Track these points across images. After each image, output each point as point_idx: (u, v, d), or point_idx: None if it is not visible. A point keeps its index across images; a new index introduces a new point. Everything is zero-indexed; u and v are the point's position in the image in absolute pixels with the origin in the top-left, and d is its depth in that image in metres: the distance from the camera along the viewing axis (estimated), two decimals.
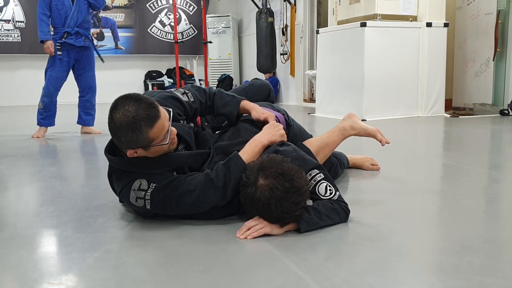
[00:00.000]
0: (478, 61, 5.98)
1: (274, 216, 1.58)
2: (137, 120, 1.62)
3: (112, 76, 9.47)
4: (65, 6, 4.40)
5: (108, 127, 1.69)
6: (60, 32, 4.41)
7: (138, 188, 1.71)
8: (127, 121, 1.63)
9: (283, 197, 1.56)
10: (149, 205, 1.71)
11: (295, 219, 1.61)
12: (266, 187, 1.57)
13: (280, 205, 1.56)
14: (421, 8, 5.62)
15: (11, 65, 9.01)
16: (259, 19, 7.92)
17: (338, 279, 1.27)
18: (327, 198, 1.73)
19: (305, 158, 1.82)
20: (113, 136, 1.71)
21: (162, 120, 1.67)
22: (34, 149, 3.64)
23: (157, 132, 1.67)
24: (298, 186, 1.60)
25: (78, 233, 1.71)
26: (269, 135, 1.85)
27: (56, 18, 4.44)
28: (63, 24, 4.41)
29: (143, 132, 1.63)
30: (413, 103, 5.62)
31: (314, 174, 1.76)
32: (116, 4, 9.54)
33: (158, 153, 1.75)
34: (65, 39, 4.40)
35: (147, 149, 1.70)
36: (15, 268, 1.41)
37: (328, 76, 5.99)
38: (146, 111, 1.64)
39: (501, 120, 5.10)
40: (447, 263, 1.37)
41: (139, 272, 1.36)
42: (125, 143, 1.67)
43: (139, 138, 1.65)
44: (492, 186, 2.38)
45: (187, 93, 2.01)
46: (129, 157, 1.73)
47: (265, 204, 1.57)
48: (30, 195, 2.36)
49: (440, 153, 3.38)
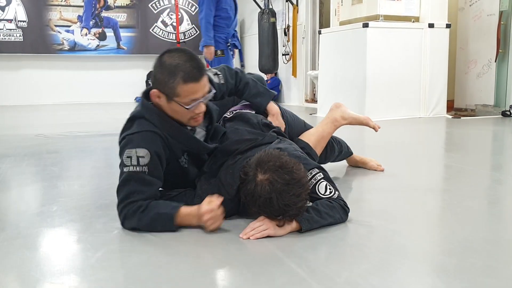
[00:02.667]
0: (480, 62, 5.97)
1: (276, 210, 1.57)
2: (179, 68, 1.67)
3: (114, 76, 9.48)
4: (232, 9, 4.31)
5: (155, 62, 1.76)
6: (227, 33, 4.32)
7: (138, 155, 1.68)
8: (170, 63, 1.68)
9: (284, 190, 1.55)
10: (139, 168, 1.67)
11: (298, 211, 1.60)
12: (266, 181, 1.56)
13: (282, 198, 1.55)
14: (423, 9, 5.62)
15: (13, 65, 9.01)
16: (261, 20, 7.92)
17: (340, 280, 1.27)
18: (327, 197, 1.73)
19: (306, 158, 1.82)
20: (153, 69, 1.75)
21: (198, 86, 1.70)
22: (37, 149, 3.64)
23: (186, 92, 1.69)
24: (298, 178, 1.59)
25: (80, 233, 1.71)
26: (206, 217, 1.64)
27: (225, 19, 4.30)
28: (229, 26, 4.32)
29: (175, 81, 1.67)
30: (415, 104, 5.61)
31: (315, 173, 1.76)
32: (118, 4, 9.54)
33: (176, 115, 1.75)
34: (233, 40, 4.34)
35: (169, 100, 1.71)
36: (17, 268, 1.41)
37: (330, 77, 5.98)
38: (191, 68, 1.68)
39: (503, 121, 5.09)
40: (450, 264, 1.37)
41: (141, 272, 1.36)
42: (157, 80, 1.71)
43: (168, 84, 1.68)
44: (494, 187, 2.37)
45: (219, 74, 2.02)
46: (152, 98, 1.75)
47: (267, 198, 1.56)
48: (32, 194, 2.36)
49: (442, 154, 3.38)
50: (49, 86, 9.10)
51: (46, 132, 4.66)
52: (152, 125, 1.75)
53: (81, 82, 9.36)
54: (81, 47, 9.33)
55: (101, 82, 9.45)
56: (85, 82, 9.38)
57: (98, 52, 9.47)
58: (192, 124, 1.82)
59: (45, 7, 9.03)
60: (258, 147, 1.89)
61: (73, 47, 9.28)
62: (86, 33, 9.33)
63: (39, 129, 4.93)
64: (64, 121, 5.24)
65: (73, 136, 4.50)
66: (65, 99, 9.14)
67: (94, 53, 9.46)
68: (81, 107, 8.21)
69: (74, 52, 9.32)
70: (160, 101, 1.74)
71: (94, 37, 9.40)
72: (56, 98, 9.09)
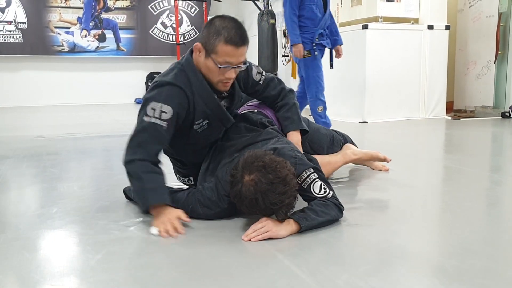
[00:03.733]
0: (480, 63, 5.98)
1: (264, 209, 1.60)
2: (225, 30, 1.81)
3: (113, 77, 9.47)
4: (318, 7, 4.19)
5: (206, 23, 1.90)
6: (314, 33, 4.19)
7: (162, 109, 1.81)
8: (220, 24, 1.83)
9: (268, 189, 1.58)
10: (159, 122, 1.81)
11: (286, 208, 1.62)
12: (250, 182, 1.59)
13: (267, 197, 1.57)
14: (422, 10, 5.63)
15: (12, 66, 9.01)
16: (261, 21, 7.92)
17: (340, 281, 1.27)
18: (321, 197, 1.74)
19: (301, 157, 1.83)
20: (203, 28, 1.89)
21: (235, 51, 1.82)
22: (36, 150, 3.64)
23: (223, 53, 1.81)
24: (282, 176, 1.60)
25: (80, 235, 1.72)
26: (162, 225, 1.71)
27: (310, 19, 4.19)
28: (316, 25, 4.19)
29: (218, 39, 1.80)
30: (414, 105, 5.62)
31: (310, 173, 1.77)
32: (118, 6, 9.55)
33: (209, 73, 1.87)
34: (319, 40, 4.19)
35: (207, 56, 1.84)
36: (17, 270, 1.41)
37: (330, 78, 5.96)
38: (236, 34, 1.81)
39: (502, 123, 5.10)
40: (449, 265, 1.37)
41: (141, 274, 1.37)
42: (203, 36, 1.85)
43: (210, 40, 1.82)
44: (494, 188, 2.38)
45: (262, 73, 2.13)
46: (194, 51, 1.89)
47: (252, 199, 1.59)
48: (32, 196, 2.36)
49: (442, 156, 3.38)
50: (49, 88, 9.10)
51: (45, 134, 4.66)
52: (185, 81, 1.88)
53: (81, 83, 9.35)
54: (81, 48, 9.33)
55: (101, 83, 9.45)
56: (85, 84, 9.37)
57: (98, 53, 9.47)
58: (220, 88, 1.93)
59: (44, 9, 9.03)
60: (254, 144, 1.92)
61: (72, 49, 9.27)
62: (85, 34, 9.33)
63: (38, 130, 4.93)
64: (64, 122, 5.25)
65: (73, 137, 4.50)
66: (65, 101, 9.14)
67: (94, 54, 9.46)
68: (81, 108, 8.21)
69: (74, 53, 9.31)
70: (200, 55, 1.88)
71: (94, 38, 9.40)
72: (55, 100, 9.08)
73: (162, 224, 1.70)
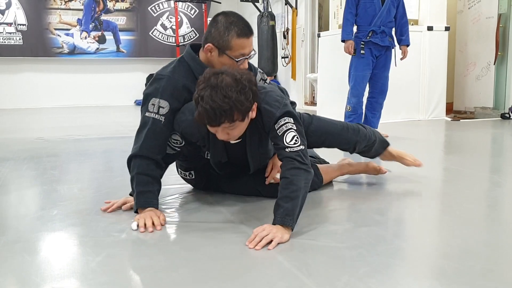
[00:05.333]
0: (479, 64, 5.98)
1: (219, 105, 1.62)
2: (234, 25, 1.89)
3: (113, 79, 9.48)
4: (374, 5, 4.17)
5: (210, 22, 1.96)
6: (366, 31, 4.19)
7: (160, 105, 1.89)
8: (226, 20, 1.90)
9: (229, 84, 1.64)
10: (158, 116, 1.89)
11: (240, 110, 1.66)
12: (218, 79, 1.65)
13: (224, 91, 1.62)
14: (422, 12, 5.63)
15: (12, 68, 9.02)
16: (261, 23, 7.93)
17: (340, 283, 1.27)
18: (290, 147, 1.73)
19: (286, 103, 1.83)
20: (208, 27, 1.95)
21: (248, 42, 1.91)
22: (36, 152, 3.64)
23: (238, 46, 1.89)
24: (244, 78, 1.69)
25: (81, 237, 1.72)
26: (142, 220, 1.83)
27: (363, 16, 4.21)
28: (369, 23, 4.19)
29: (230, 34, 1.88)
30: (414, 107, 5.62)
31: (287, 121, 1.78)
32: (118, 7, 9.56)
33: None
34: (370, 38, 4.18)
35: (221, 54, 1.90)
36: (18, 272, 1.41)
37: (330, 80, 5.99)
38: (244, 26, 1.90)
39: (502, 124, 5.10)
40: (449, 267, 1.37)
41: (141, 276, 1.37)
42: (212, 35, 1.91)
43: (223, 37, 1.88)
44: (494, 190, 2.38)
45: (265, 80, 2.21)
46: (204, 52, 1.94)
47: (211, 93, 1.62)
48: (32, 198, 2.36)
49: (441, 157, 3.38)
50: (49, 89, 9.11)
51: (45, 136, 4.67)
52: (185, 71, 1.94)
53: (81, 85, 9.36)
54: (81, 50, 9.34)
55: (101, 85, 9.45)
56: (85, 85, 9.38)
57: (98, 55, 9.48)
58: None
59: (44, 11, 9.04)
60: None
61: (72, 50, 9.28)
62: (85, 36, 9.34)
63: (38, 132, 4.94)
64: (64, 124, 5.25)
65: (72, 139, 4.51)
66: (65, 102, 9.14)
67: (94, 56, 9.47)
68: (81, 110, 8.21)
69: (74, 55, 9.32)
70: (212, 56, 1.93)
71: (94, 40, 9.41)
72: (55, 101, 9.09)
73: (142, 219, 1.79)
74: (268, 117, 1.79)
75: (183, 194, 2.30)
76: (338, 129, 2.24)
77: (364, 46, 4.18)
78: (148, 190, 1.90)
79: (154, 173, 1.92)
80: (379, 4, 4.14)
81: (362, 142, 2.28)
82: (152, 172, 1.91)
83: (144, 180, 1.89)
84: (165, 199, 2.19)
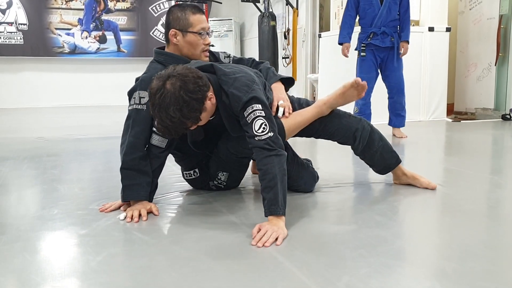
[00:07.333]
0: (480, 65, 5.98)
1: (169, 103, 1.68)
2: (186, 6, 2.10)
3: (114, 79, 9.47)
4: (373, 5, 4.17)
5: (166, 15, 2.16)
6: (367, 33, 4.21)
7: (140, 95, 2.00)
8: (178, 7, 2.10)
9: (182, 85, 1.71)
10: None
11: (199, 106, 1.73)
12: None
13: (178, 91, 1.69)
14: (423, 12, 5.63)
15: (13, 68, 9.02)
16: (261, 23, 7.93)
17: (341, 284, 1.27)
18: (258, 136, 1.76)
19: (256, 89, 1.84)
20: (166, 18, 2.14)
21: (203, 17, 2.11)
22: (37, 152, 3.64)
23: (196, 21, 2.08)
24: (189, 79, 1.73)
25: (81, 237, 1.72)
26: (129, 212, 1.94)
27: (364, 18, 4.22)
28: (370, 25, 4.19)
29: (186, 14, 2.08)
30: (415, 107, 5.61)
31: (255, 108, 1.79)
32: (119, 7, 9.56)
33: (191, 48, 2.10)
34: (371, 40, 4.19)
35: (184, 33, 2.08)
36: (18, 272, 1.41)
37: (330, 80, 5.99)
38: (196, 7, 2.10)
39: (503, 125, 5.10)
40: (449, 268, 1.37)
41: (142, 276, 1.37)
42: (171, 21, 2.09)
43: (181, 18, 2.07)
44: (494, 191, 2.38)
45: (230, 57, 2.33)
46: (170, 39, 2.09)
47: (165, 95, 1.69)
48: (32, 198, 2.36)
49: (442, 158, 3.38)
50: (49, 89, 9.11)
51: (46, 135, 4.67)
52: (159, 68, 2.03)
53: (81, 85, 9.37)
54: (82, 50, 9.34)
55: (101, 84, 9.46)
56: (85, 85, 9.39)
57: (99, 55, 9.48)
58: (203, 59, 2.13)
59: (45, 10, 9.04)
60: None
61: (73, 50, 9.29)
62: (86, 36, 9.35)
63: (39, 132, 4.94)
64: (64, 124, 5.25)
65: (73, 139, 4.51)
66: (65, 102, 9.15)
67: (95, 56, 9.47)
68: (81, 110, 8.22)
69: (75, 55, 9.33)
70: (177, 40, 2.09)
71: (95, 40, 9.41)
72: (56, 101, 9.09)
73: (130, 211, 1.89)
74: (235, 101, 1.83)
75: (183, 194, 2.30)
76: (340, 112, 2.25)
77: (365, 48, 4.18)
78: (134, 183, 1.95)
79: (140, 166, 1.96)
80: (378, 4, 4.14)
81: (363, 133, 2.21)
82: (137, 165, 1.96)
83: (128, 174, 1.95)
84: (166, 198, 2.19)
